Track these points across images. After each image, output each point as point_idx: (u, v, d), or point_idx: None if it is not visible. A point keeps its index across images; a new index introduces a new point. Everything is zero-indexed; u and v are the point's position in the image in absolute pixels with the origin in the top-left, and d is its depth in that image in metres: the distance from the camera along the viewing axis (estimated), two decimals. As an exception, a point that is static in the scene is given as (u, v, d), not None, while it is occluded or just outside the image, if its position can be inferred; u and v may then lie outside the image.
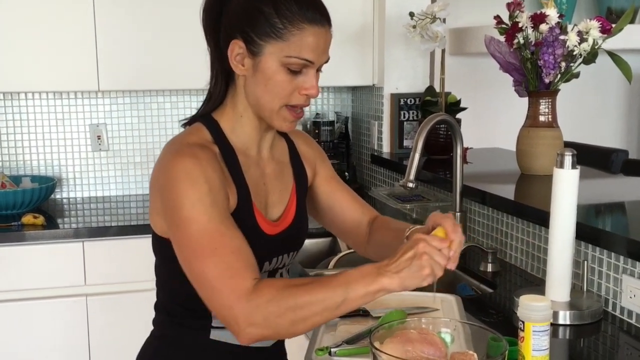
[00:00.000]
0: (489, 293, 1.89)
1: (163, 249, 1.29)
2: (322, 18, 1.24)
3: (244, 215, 1.28)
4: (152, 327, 1.45)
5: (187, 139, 1.28)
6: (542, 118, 2.23)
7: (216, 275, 1.14)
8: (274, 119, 1.28)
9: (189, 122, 1.35)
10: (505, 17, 2.22)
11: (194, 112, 1.38)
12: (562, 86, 2.22)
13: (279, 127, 1.31)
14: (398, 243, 1.26)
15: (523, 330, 1.26)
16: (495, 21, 2.25)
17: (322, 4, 1.26)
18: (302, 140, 1.50)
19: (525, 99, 2.28)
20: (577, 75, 2.21)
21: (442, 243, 1.14)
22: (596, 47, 2.10)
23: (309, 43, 1.22)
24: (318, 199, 1.51)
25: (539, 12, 2.13)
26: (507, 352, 1.09)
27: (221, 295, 1.14)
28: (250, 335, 1.13)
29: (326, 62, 1.28)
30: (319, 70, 1.28)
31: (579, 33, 2.09)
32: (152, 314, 1.45)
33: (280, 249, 1.37)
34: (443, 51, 2.72)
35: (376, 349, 1.08)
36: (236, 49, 1.25)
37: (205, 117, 1.33)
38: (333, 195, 1.50)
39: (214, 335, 1.33)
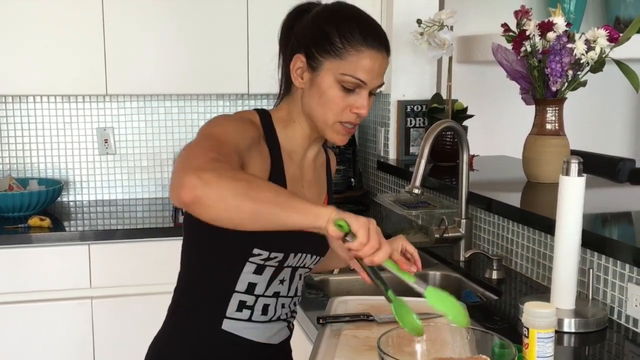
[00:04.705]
0: (494, 300, 1.89)
1: (194, 229, 1.36)
2: (380, 45, 1.32)
3: None
4: (156, 330, 1.47)
5: (237, 111, 1.39)
6: (548, 126, 2.23)
7: (198, 147, 1.16)
8: (327, 131, 1.36)
9: None
10: (512, 25, 2.22)
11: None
12: (569, 94, 2.22)
13: (331, 139, 1.39)
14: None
15: (527, 337, 1.26)
16: (502, 29, 2.25)
17: (383, 34, 1.34)
18: (333, 162, 1.61)
19: (532, 107, 2.28)
20: (584, 84, 2.20)
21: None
22: (604, 55, 2.10)
23: (364, 65, 1.30)
24: None
25: (546, 20, 2.13)
26: (516, 358, 1.08)
27: (191, 156, 1.13)
28: (189, 183, 1.07)
29: (380, 86, 1.35)
30: (372, 93, 1.34)
31: (587, 41, 2.09)
32: (157, 317, 1.46)
33: (305, 247, 1.40)
34: (450, 58, 2.72)
35: (385, 354, 1.08)
36: (298, 63, 1.35)
37: (260, 109, 1.42)
38: None
39: (226, 325, 1.36)
